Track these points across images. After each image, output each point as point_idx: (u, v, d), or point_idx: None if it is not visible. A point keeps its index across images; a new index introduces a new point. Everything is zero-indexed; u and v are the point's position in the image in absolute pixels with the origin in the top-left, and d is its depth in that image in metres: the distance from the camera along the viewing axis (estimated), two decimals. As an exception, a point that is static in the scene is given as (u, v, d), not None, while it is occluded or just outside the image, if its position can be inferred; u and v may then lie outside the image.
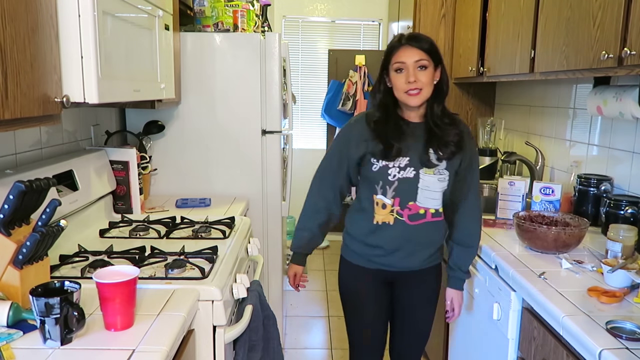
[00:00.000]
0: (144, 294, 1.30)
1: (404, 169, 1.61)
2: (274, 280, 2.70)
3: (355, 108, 4.45)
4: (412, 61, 1.56)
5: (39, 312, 1.03)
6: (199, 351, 1.38)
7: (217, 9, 2.52)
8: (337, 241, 5.41)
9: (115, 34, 1.46)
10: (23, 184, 1.14)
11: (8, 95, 1.06)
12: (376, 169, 1.62)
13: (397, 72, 1.58)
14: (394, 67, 1.59)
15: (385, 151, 1.60)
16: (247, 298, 1.60)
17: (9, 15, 1.05)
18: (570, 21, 1.77)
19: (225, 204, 2.39)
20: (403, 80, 1.57)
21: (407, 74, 1.56)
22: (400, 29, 3.87)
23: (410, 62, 1.56)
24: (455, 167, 1.66)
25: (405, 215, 1.63)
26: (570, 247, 1.69)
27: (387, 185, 1.62)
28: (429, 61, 1.57)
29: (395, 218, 1.64)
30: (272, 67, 2.50)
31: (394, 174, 1.61)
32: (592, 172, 2.18)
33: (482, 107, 3.40)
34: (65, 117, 1.99)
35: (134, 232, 1.86)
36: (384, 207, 1.64)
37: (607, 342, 1.12)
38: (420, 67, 1.56)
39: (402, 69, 1.57)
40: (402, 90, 1.58)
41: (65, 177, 1.77)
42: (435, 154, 1.62)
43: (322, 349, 2.99)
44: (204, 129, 2.53)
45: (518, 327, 1.56)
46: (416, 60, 1.56)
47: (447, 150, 1.61)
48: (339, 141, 1.73)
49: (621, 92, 1.78)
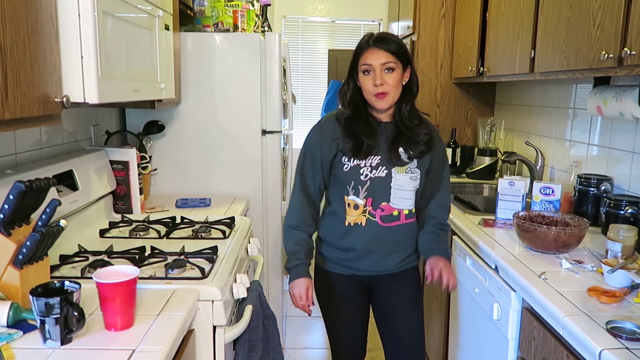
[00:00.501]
0: (144, 294, 1.30)
1: (376, 168, 1.60)
2: (274, 280, 2.70)
3: (355, 108, 4.45)
4: (379, 63, 1.55)
5: (39, 312, 1.03)
6: (199, 351, 1.38)
7: (217, 9, 2.52)
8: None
9: (115, 34, 1.46)
10: (23, 184, 1.14)
11: (8, 95, 1.06)
12: (347, 168, 1.60)
13: (364, 74, 1.58)
14: (362, 69, 1.58)
15: (355, 148, 1.58)
16: (247, 298, 1.60)
17: (9, 15, 1.05)
18: (570, 21, 1.77)
19: (225, 204, 2.39)
20: (370, 83, 1.56)
21: (374, 76, 1.55)
22: (401, 29, 3.87)
23: (377, 65, 1.55)
24: (425, 166, 1.66)
25: (378, 215, 1.63)
26: (570, 247, 1.69)
27: (359, 185, 1.60)
28: (397, 63, 1.56)
29: (367, 219, 1.63)
30: (272, 67, 2.50)
31: (366, 174, 1.59)
32: (592, 172, 2.18)
33: (482, 107, 3.40)
34: (65, 117, 1.99)
35: (134, 232, 1.86)
36: (355, 207, 1.63)
37: (607, 342, 1.12)
38: (387, 69, 1.55)
39: (370, 71, 1.57)
40: (369, 92, 1.58)
41: (65, 177, 1.77)
42: (405, 153, 1.62)
43: (322, 349, 2.99)
44: (204, 129, 2.53)
45: (518, 327, 1.56)
46: (383, 63, 1.55)
47: (417, 149, 1.62)
48: (309, 144, 1.66)
49: (621, 92, 1.78)
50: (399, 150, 1.61)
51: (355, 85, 1.63)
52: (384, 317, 1.79)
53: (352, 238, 1.65)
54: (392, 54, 1.55)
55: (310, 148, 1.66)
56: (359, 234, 1.64)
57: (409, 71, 1.62)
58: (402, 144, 1.61)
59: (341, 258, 1.70)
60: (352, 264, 1.69)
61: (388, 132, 1.63)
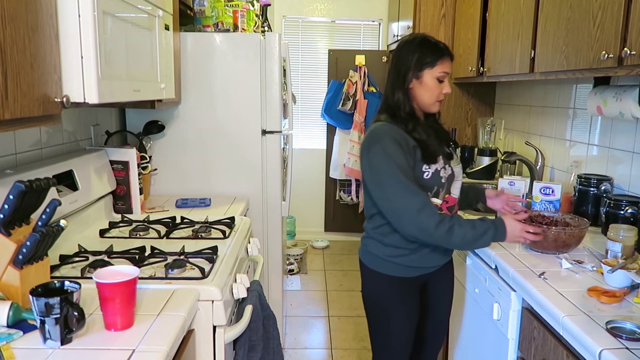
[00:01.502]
0: (144, 294, 1.30)
1: (444, 167, 1.66)
2: (274, 280, 2.70)
3: (355, 108, 4.46)
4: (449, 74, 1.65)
5: (39, 312, 1.03)
6: (199, 351, 1.38)
7: (217, 9, 2.52)
8: (337, 241, 5.43)
9: (115, 34, 1.46)
10: (23, 184, 1.14)
11: (8, 96, 1.06)
12: (428, 175, 1.61)
13: (438, 81, 1.62)
14: (438, 76, 1.62)
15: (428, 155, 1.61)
16: (247, 298, 1.60)
17: (9, 15, 1.05)
18: (570, 21, 1.77)
19: (225, 204, 2.39)
20: (440, 90, 1.63)
21: (446, 86, 1.63)
22: (400, 29, 3.87)
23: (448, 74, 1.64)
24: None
25: (445, 207, 1.69)
26: (570, 247, 1.69)
27: (440, 188, 1.65)
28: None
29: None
30: (272, 67, 2.50)
31: (442, 175, 1.65)
32: (592, 172, 2.18)
33: (482, 107, 3.40)
34: (65, 117, 1.99)
35: (134, 232, 1.86)
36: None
37: (607, 342, 1.12)
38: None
39: (444, 79, 1.63)
40: (435, 98, 1.64)
41: (65, 177, 1.77)
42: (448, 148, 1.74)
43: (322, 349, 2.99)
44: (204, 129, 2.53)
45: (518, 327, 1.56)
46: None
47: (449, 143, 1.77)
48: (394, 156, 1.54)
49: (621, 92, 1.78)
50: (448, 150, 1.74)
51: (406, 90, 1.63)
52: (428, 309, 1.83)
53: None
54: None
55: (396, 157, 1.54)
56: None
57: None
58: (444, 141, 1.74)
59: (412, 258, 1.67)
60: (424, 262, 1.69)
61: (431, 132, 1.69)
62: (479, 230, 1.53)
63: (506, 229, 1.55)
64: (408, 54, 1.62)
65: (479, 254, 1.85)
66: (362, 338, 3.10)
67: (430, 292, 1.81)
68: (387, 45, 4.56)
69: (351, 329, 3.20)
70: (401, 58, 1.64)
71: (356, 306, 3.52)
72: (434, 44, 1.62)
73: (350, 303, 3.58)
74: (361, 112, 4.44)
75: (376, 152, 1.55)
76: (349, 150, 4.51)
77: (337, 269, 4.25)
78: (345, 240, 4.93)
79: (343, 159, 4.59)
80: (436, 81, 1.61)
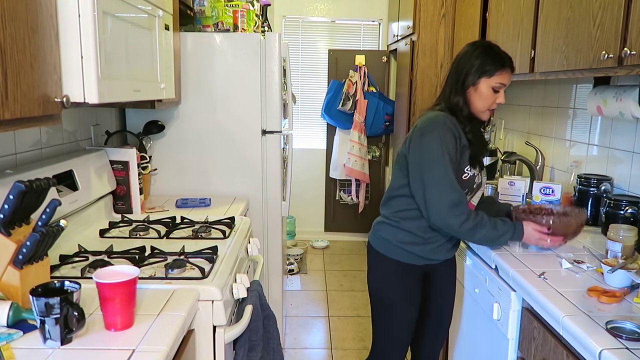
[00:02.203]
0: (144, 294, 1.30)
1: (479, 174, 1.73)
2: (274, 280, 2.70)
3: (355, 108, 4.46)
4: (507, 84, 1.68)
5: (39, 312, 1.03)
6: (199, 351, 1.38)
7: (217, 9, 2.52)
8: (337, 241, 5.42)
9: (115, 34, 1.46)
10: (23, 184, 1.14)
11: (8, 96, 1.06)
12: (467, 177, 1.68)
13: (493, 91, 1.66)
14: (495, 86, 1.65)
15: (474, 159, 1.68)
16: (247, 298, 1.60)
17: (9, 15, 1.05)
18: (570, 21, 1.77)
19: (225, 204, 2.39)
20: (494, 100, 1.66)
21: (501, 96, 1.66)
22: (400, 29, 3.87)
23: (506, 85, 1.67)
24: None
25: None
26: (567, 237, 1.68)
27: (470, 192, 1.72)
28: None
29: None
30: (272, 67, 2.50)
31: (476, 181, 1.72)
32: (592, 172, 2.18)
33: (482, 107, 3.39)
34: (65, 117, 1.99)
35: (134, 232, 1.86)
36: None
37: (607, 342, 1.12)
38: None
39: (499, 90, 1.66)
40: (488, 106, 1.68)
41: (65, 177, 1.77)
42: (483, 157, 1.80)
43: (322, 349, 2.99)
44: (204, 129, 2.53)
45: (518, 327, 1.56)
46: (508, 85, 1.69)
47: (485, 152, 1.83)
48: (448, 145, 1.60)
49: (621, 92, 1.78)
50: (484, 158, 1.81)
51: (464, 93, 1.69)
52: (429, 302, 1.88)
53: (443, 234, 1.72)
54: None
55: (449, 149, 1.60)
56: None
57: None
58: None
59: (422, 248, 1.73)
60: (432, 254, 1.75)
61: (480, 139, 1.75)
62: (499, 231, 1.62)
63: (524, 234, 1.64)
64: (470, 59, 1.66)
65: (479, 254, 1.85)
66: (362, 338, 3.10)
67: (433, 283, 1.85)
68: (387, 45, 4.56)
69: (351, 329, 3.20)
70: (463, 62, 1.68)
71: (356, 306, 3.52)
72: (496, 53, 1.66)
73: (350, 303, 3.58)
74: (361, 112, 4.44)
75: (433, 137, 1.59)
76: (349, 150, 4.51)
77: (337, 269, 4.25)
78: (345, 240, 4.93)
79: (343, 159, 4.59)
80: (491, 90, 1.65)
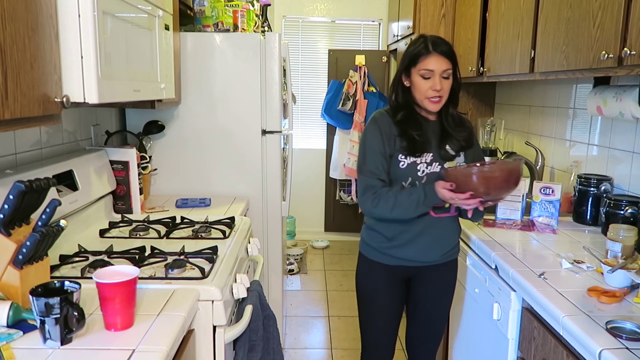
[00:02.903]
0: (144, 294, 1.30)
1: (431, 164, 1.68)
2: (274, 280, 2.70)
3: (355, 108, 4.45)
4: (440, 70, 1.62)
5: (39, 312, 1.03)
6: (199, 351, 1.38)
7: (217, 9, 2.52)
8: (337, 241, 5.43)
9: (115, 34, 1.46)
10: (23, 184, 1.14)
11: (8, 95, 1.06)
12: (404, 165, 1.67)
13: (423, 78, 1.64)
14: (421, 73, 1.64)
15: (411, 147, 1.66)
16: (247, 298, 1.60)
17: (9, 15, 1.05)
18: (570, 21, 1.77)
19: (225, 204, 2.39)
20: (428, 87, 1.63)
21: (434, 82, 1.63)
22: (400, 29, 3.87)
23: (438, 71, 1.62)
24: (469, 160, 1.75)
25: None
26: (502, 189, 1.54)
27: (416, 180, 1.67)
28: (452, 70, 1.65)
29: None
30: (272, 67, 2.50)
31: (423, 170, 1.67)
32: (592, 172, 2.18)
33: (482, 107, 3.40)
34: (65, 117, 1.99)
35: (134, 232, 1.86)
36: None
37: (607, 342, 1.12)
38: (444, 76, 1.63)
39: (429, 77, 1.63)
40: (424, 95, 1.65)
41: (65, 177, 1.77)
42: (451, 150, 1.71)
43: (322, 349, 2.99)
44: (204, 129, 2.53)
45: (518, 327, 1.56)
46: (444, 70, 1.62)
47: (459, 145, 1.72)
48: (369, 140, 1.69)
49: (621, 92, 1.78)
50: (446, 147, 1.71)
51: (404, 87, 1.70)
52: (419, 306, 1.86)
53: (404, 227, 1.70)
54: (450, 62, 1.64)
55: (371, 144, 1.68)
56: (410, 223, 1.69)
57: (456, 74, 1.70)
58: (448, 142, 1.71)
59: (388, 246, 1.74)
60: (399, 253, 1.73)
61: (436, 131, 1.72)
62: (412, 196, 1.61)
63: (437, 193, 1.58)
64: (403, 55, 1.70)
65: (479, 254, 1.85)
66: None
67: (416, 288, 1.83)
68: (387, 45, 4.56)
69: (351, 329, 3.19)
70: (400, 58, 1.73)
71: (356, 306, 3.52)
72: (420, 41, 1.65)
73: (350, 303, 3.57)
74: (361, 112, 4.43)
75: (362, 133, 1.74)
76: (349, 150, 4.50)
77: (337, 269, 4.25)
78: (345, 240, 4.93)
79: (343, 159, 4.59)
80: (420, 78, 1.64)
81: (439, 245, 1.74)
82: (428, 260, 1.75)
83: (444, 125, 1.72)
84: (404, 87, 1.70)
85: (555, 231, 1.97)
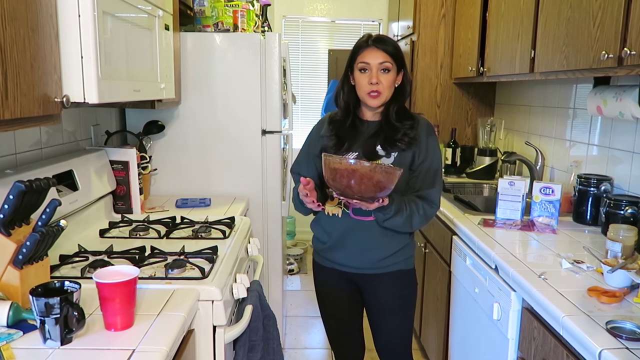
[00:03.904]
0: (144, 294, 1.30)
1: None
2: (274, 280, 2.70)
3: (355, 108, 4.45)
4: (377, 63, 1.61)
5: (39, 312, 1.03)
6: (199, 351, 1.38)
7: (217, 9, 2.52)
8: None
9: (115, 34, 1.46)
10: (23, 184, 1.14)
11: (8, 95, 1.06)
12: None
13: (361, 72, 1.64)
14: (359, 67, 1.65)
15: (336, 146, 1.67)
16: (247, 298, 1.60)
17: (9, 15, 1.05)
18: (570, 21, 1.77)
19: (225, 204, 2.39)
20: (366, 81, 1.62)
21: (370, 75, 1.61)
22: (401, 29, 3.87)
23: (374, 64, 1.61)
24: (407, 162, 1.65)
25: (351, 208, 1.67)
26: (350, 187, 1.43)
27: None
28: (392, 64, 1.63)
29: (342, 211, 1.69)
30: (272, 67, 2.50)
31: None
32: (592, 172, 2.18)
33: (482, 107, 3.40)
34: (65, 117, 1.99)
35: (134, 232, 1.86)
36: (331, 198, 1.71)
37: (607, 342, 1.12)
38: (383, 69, 1.62)
39: (366, 70, 1.63)
40: (364, 90, 1.64)
41: (65, 177, 1.77)
42: (383, 150, 1.65)
43: (322, 349, 2.99)
44: (204, 129, 2.53)
45: (518, 327, 1.56)
46: (380, 62, 1.61)
47: (395, 147, 1.64)
48: (309, 139, 1.82)
49: (621, 92, 1.78)
50: (377, 147, 1.66)
51: (350, 86, 1.71)
52: (371, 317, 1.85)
53: (328, 228, 1.73)
54: (389, 55, 1.62)
55: (309, 142, 1.81)
56: (334, 224, 1.71)
57: (402, 74, 1.68)
58: (380, 141, 1.66)
59: (322, 249, 1.78)
60: (330, 256, 1.77)
61: (370, 130, 1.70)
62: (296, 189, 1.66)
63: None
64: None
65: (479, 254, 1.85)
66: (362, 338, 3.10)
67: (365, 298, 1.82)
68: (387, 45, 4.56)
69: (351, 329, 3.19)
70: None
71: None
72: (364, 38, 1.67)
73: (350, 303, 3.57)
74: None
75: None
76: (349, 150, 4.50)
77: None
78: (345, 240, 4.92)
79: (343, 159, 4.58)
80: (359, 73, 1.64)
81: (370, 251, 1.68)
82: (362, 266, 1.71)
83: (382, 125, 1.67)
84: (349, 87, 1.70)
85: (555, 231, 1.97)
